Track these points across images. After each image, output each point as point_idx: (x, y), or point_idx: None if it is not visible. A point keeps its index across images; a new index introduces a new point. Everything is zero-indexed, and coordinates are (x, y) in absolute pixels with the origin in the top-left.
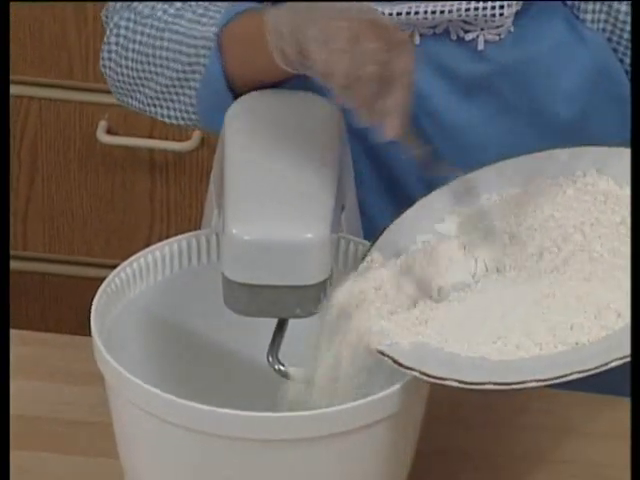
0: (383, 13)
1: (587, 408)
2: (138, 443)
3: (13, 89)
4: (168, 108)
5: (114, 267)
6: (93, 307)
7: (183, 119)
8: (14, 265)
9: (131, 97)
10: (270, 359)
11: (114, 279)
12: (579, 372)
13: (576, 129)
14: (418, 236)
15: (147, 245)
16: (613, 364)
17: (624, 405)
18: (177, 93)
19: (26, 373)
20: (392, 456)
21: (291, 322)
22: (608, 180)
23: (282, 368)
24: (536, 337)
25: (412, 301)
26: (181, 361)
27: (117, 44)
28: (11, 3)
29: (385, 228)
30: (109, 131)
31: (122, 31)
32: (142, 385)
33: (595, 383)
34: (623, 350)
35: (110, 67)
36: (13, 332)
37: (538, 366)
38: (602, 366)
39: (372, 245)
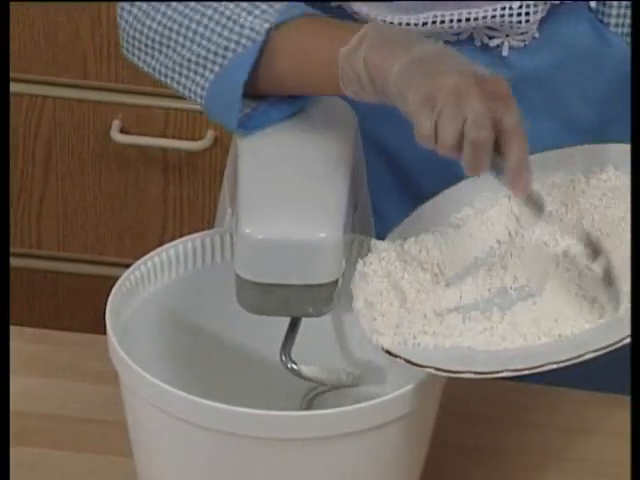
0: (408, 24)
1: (598, 407)
2: (152, 441)
3: (28, 88)
4: (178, 83)
5: (127, 266)
6: (108, 305)
7: (189, 98)
8: (28, 263)
9: (139, 58)
10: (283, 358)
11: (129, 277)
12: (553, 363)
13: (599, 134)
14: (432, 227)
15: (160, 244)
16: (587, 356)
17: None
18: (196, 72)
19: (38, 371)
20: (405, 455)
21: (303, 321)
22: (621, 176)
23: (294, 367)
24: (521, 328)
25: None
26: (195, 359)
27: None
28: (25, 3)
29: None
30: (123, 130)
31: None
32: (158, 383)
33: (605, 382)
34: (599, 343)
35: (128, 20)
36: (26, 330)
37: (516, 356)
38: (575, 358)
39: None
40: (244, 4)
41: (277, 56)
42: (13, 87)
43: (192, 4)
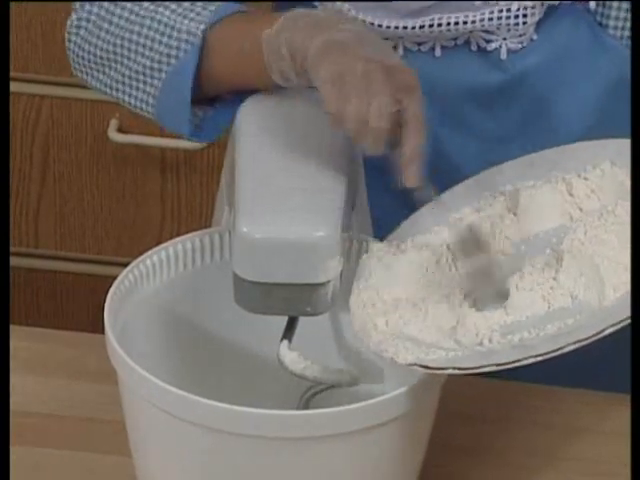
0: (405, 27)
1: (595, 406)
2: (151, 440)
3: (25, 88)
4: (130, 95)
5: (125, 265)
6: (106, 304)
7: (142, 109)
8: (26, 262)
9: (92, 76)
10: (280, 357)
11: (127, 276)
12: (535, 356)
13: (594, 135)
14: (430, 228)
15: (158, 243)
16: (568, 349)
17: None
18: (145, 82)
19: (37, 370)
20: (404, 455)
21: (301, 320)
22: (618, 171)
23: (292, 366)
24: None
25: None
26: (193, 358)
27: (89, 20)
28: (23, 3)
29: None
30: (120, 129)
31: (95, 9)
32: (156, 382)
33: (602, 381)
34: (577, 335)
35: (76, 42)
36: (24, 329)
37: (497, 351)
38: (556, 350)
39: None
40: (180, 9)
41: (213, 55)
42: (11, 86)
43: (132, 17)
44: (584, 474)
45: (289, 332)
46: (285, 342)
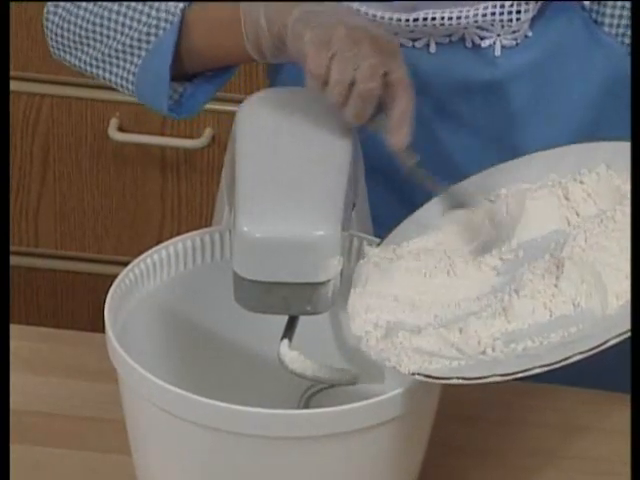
0: (399, 20)
1: (595, 405)
2: (150, 439)
3: (25, 86)
4: (111, 72)
5: (125, 264)
6: (106, 303)
7: (122, 86)
8: (25, 262)
9: (70, 54)
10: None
11: (127, 275)
12: (540, 367)
13: (590, 134)
14: (427, 231)
15: (158, 242)
16: (574, 359)
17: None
18: (125, 60)
19: (37, 369)
20: (403, 454)
21: (301, 319)
22: (613, 175)
23: (292, 365)
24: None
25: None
26: (193, 357)
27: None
28: (22, 3)
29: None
30: (121, 128)
31: None
32: (156, 381)
33: (603, 381)
34: (582, 346)
35: (54, 21)
36: (24, 328)
37: (503, 361)
38: (563, 361)
39: (379, 243)
40: None
41: (192, 30)
42: (11, 85)
43: None
44: (585, 473)
45: (289, 331)
46: (285, 341)
